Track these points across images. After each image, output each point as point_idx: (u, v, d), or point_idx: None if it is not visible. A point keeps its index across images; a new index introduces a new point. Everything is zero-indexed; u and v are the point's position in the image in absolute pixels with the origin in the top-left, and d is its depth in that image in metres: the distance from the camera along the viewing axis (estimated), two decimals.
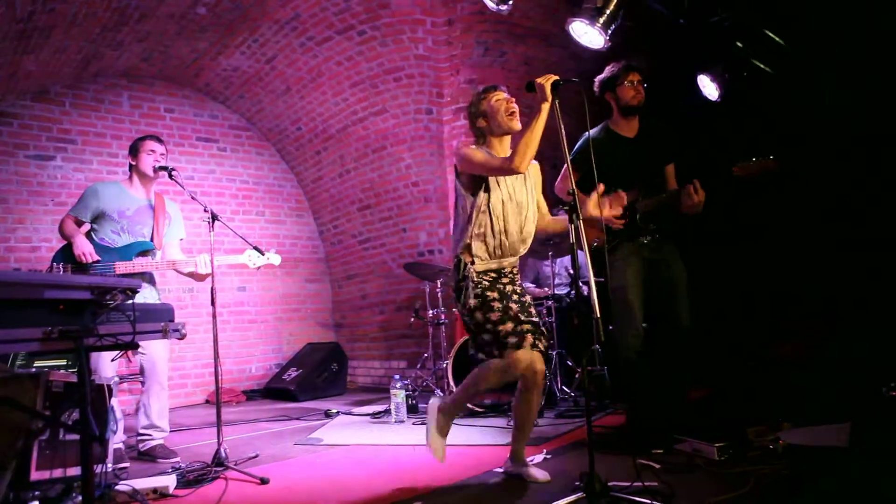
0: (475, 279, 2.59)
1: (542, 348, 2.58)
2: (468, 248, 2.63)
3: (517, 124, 2.68)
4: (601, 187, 2.78)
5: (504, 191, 2.64)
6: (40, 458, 2.32)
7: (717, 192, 3.22)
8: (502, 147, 2.74)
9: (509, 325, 2.53)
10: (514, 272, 2.75)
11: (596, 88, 3.50)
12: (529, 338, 2.51)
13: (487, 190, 2.63)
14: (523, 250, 2.75)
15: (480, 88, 2.78)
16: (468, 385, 2.69)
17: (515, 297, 2.66)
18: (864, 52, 4.30)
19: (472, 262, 2.61)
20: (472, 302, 2.56)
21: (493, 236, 2.61)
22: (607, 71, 3.45)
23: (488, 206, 2.61)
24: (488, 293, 2.58)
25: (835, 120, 4.48)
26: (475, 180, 2.65)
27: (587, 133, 3.48)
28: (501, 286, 2.64)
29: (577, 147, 3.50)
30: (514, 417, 2.72)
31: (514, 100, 2.71)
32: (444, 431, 2.77)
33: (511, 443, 2.74)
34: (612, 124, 3.50)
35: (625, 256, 3.42)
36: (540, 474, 2.62)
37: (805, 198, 4.75)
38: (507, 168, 2.51)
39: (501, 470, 2.79)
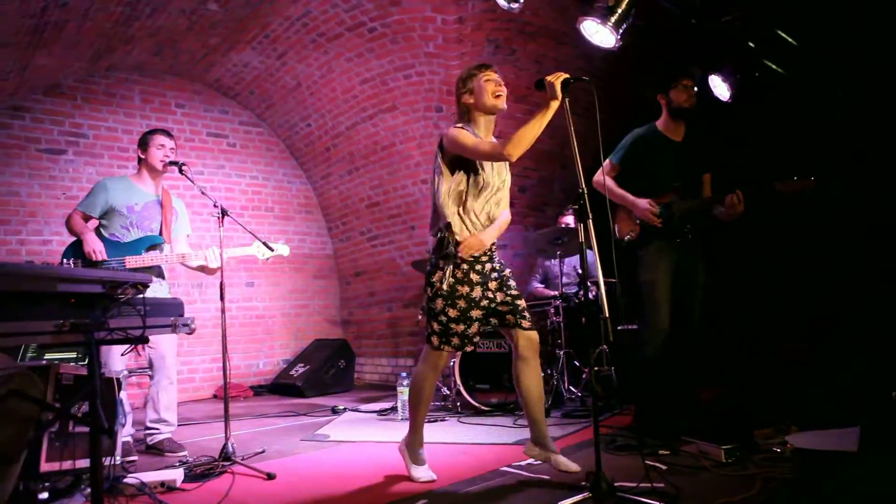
0: (457, 261, 2.65)
1: (525, 325, 2.71)
2: (449, 226, 2.66)
3: (503, 104, 2.69)
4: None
5: (484, 172, 2.69)
6: (50, 450, 2.35)
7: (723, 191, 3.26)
8: (486, 125, 2.75)
9: (461, 327, 2.64)
10: (493, 248, 2.79)
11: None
12: (456, 340, 2.64)
13: (469, 171, 2.68)
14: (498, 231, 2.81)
15: (472, 65, 2.78)
16: (411, 402, 2.80)
17: (494, 274, 2.75)
18: (878, 52, 4.26)
19: (456, 243, 2.65)
20: (440, 287, 2.64)
21: (475, 215, 2.68)
22: (667, 71, 3.53)
23: (466, 186, 2.67)
24: (459, 287, 2.64)
25: (847, 121, 4.45)
26: (460, 161, 2.68)
27: (634, 131, 3.59)
28: (481, 266, 2.71)
29: (622, 144, 3.60)
30: (520, 394, 2.76)
31: (502, 83, 2.72)
32: (419, 460, 2.77)
33: (529, 424, 2.77)
34: (660, 125, 3.57)
35: (656, 252, 3.47)
36: (570, 463, 2.61)
37: (817, 200, 4.71)
38: (499, 154, 2.54)
39: (514, 473, 2.79)
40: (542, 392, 2.74)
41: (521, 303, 2.75)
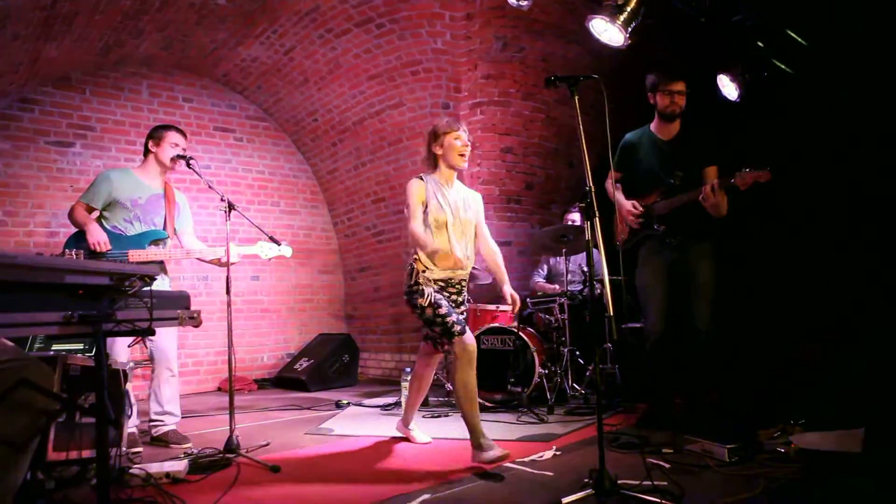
0: (426, 285, 3.02)
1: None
2: (417, 259, 3.08)
3: (464, 164, 3.14)
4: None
5: (448, 211, 3.08)
6: (57, 439, 2.36)
7: (738, 194, 3.23)
8: (450, 175, 3.18)
9: (453, 316, 2.99)
10: (462, 285, 3.21)
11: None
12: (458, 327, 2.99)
13: (431, 211, 3.07)
14: (469, 265, 3.19)
15: (444, 121, 3.17)
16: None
17: (461, 309, 3.21)
18: (885, 52, 4.24)
19: (424, 270, 3.05)
20: (421, 301, 3.00)
21: (439, 251, 3.03)
22: (653, 74, 3.55)
23: (431, 225, 3.05)
24: (437, 295, 3.03)
25: (855, 120, 4.43)
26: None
27: (626, 135, 3.63)
28: (447, 295, 3.11)
29: (618, 148, 3.67)
30: (414, 385, 3.43)
31: (468, 145, 3.14)
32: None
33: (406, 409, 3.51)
34: (652, 126, 3.62)
35: (646, 255, 3.56)
36: (421, 436, 3.42)
37: (827, 200, 4.70)
38: (412, 240, 3.07)
39: (516, 469, 2.80)
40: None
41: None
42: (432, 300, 2.98)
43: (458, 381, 2.95)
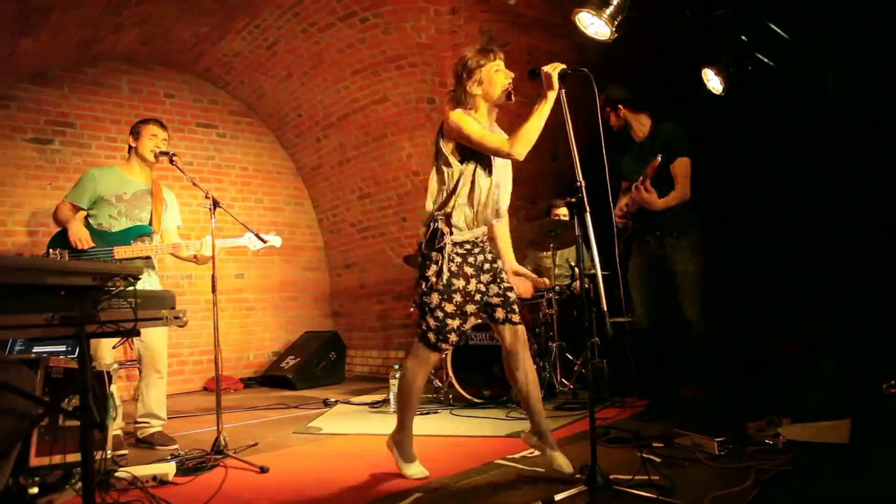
0: (449, 253, 2.54)
1: (515, 320, 2.65)
2: (447, 217, 2.57)
3: (512, 98, 2.61)
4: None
5: (490, 162, 2.61)
6: (40, 444, 2.31)
7: (716, 186, 3.31)
8: (489, 114, 2.66)
9: (456, 322, 2.54)
10: (485, 240, 2.71)
11: None
12: (453, 336, 2.55)
13: (477, 160, 2.57)
14: (494, 221, 2.76)
15: (476, 51, 2.61)
16: (401, 399, 2.70)
17: (487, 265, 2.66)
18: (868, 39, 4.27)
19: (451, 233, 2.56)
20: (434, 280, 2.53)
21: (475, 206, 2.57)
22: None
23: (472, 173, 2.56)
24: (455, 279, 2.54)
25: (838, 108, 4.47)
26: (465, 149, 2.57)
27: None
28: (473, 258, 2.61)
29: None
30: (515, 387, 2.70)
31: (512, 75, 2.62)
32: (409, 458, 2.69)
33: (529, 416, 2.71)
34: (629, 133, 3.78)
35: (632, 252, 3.73)
36: (564, 463, 2.54)
37: (807, 192, 4.74)
38: (505, 153, 2.50)
39: (508, 465, 2.79)
40: (537, 383, 2.70)
41: (513, 296, 2.69)
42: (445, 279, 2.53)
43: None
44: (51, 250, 3.33)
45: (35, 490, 2.27)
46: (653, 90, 3.66)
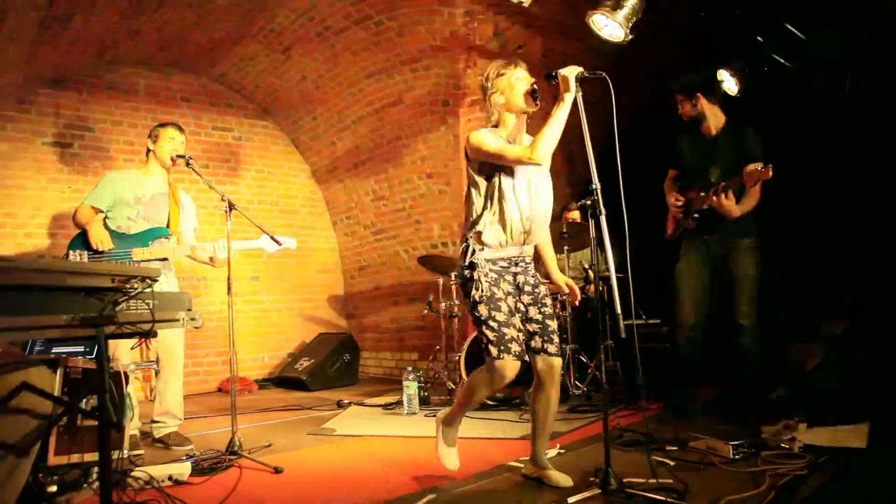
0: (483, 268, 2.49)
1: (552, 350, 2.51)
2: (479, 235, 2.53)
3: (536, 105, 2.55)
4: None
5: (521, 174, 2.53)
6: (58, 443, 2.35)
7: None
8: (518, 124, 2.61)
9: (512, 331, 2.43)
10: (528, 261, 2.63)
11: None
12: (515, 346, 2.41)
13: (503, 174, 2.52)
14: (541, 237, 2.65)
15: (496, 63, 2.61)
16: (462, 398, 2.67)
17: (528, 287, 2.57)
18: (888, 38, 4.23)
19: (482, 249, 2.51)
20: (476, 294, 2.47)
21: (508, 223, 2.50)
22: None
23: (501, 191, 2.50)
24: (496, 289, 2.47)
25: (856, 110, 4.42)
26: (493, 168, 2.53)
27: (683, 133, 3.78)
28: (511, 276, 2.56)
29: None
30: (531, 415, 2.63)
31: (534, 80, 2.58)
32: (450, 441, 2.70)
33: (531, 443, 2.62)
34: (699, 124, 3.69)
35: (684, 248, 3.68)
36: (562, 478, 2.48)
37: (829, 194, 4.69)
38: (527, 159, 2.43)
39: (520, 468, 2.78)
40: (555, 416, 2.61)
41: (553, 324, 2.56)
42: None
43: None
44: (70, 252, 3.38)
45: (54, 488, 2.30)
46: (668, 92, 3.61)
